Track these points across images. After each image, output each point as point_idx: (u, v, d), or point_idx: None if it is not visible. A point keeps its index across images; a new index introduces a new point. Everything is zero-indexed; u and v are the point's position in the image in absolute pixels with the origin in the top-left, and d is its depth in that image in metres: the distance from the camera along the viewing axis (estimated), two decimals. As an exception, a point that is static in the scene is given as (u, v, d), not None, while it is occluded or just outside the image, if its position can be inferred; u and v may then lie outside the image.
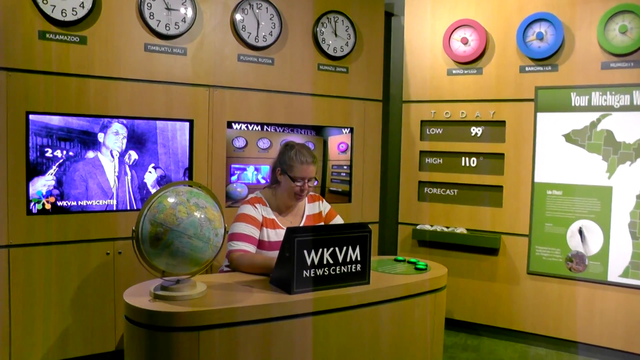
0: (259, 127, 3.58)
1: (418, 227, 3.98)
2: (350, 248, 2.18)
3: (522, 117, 3.64)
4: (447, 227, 3.90)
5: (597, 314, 3.42)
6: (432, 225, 3.96)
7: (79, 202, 2.99)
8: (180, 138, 3.25)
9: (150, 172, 3.17)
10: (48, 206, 2.91)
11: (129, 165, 3.12)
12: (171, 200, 1.93)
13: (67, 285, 2.97)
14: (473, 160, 3.85)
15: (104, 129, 3.04)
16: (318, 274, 2.11)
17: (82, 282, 3.01)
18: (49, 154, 2.89)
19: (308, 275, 2.08)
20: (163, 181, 3.20)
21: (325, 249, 2.11)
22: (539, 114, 3.57)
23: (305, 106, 3.73)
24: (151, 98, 3.16)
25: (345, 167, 3.97)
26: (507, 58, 3.67)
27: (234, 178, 3.50)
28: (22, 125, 2.81)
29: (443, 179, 3.95)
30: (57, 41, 2.89)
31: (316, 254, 2.09)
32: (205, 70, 3.33)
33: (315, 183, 2.66)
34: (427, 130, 4.01)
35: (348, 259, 2.18)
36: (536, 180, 3.59)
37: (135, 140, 3.12)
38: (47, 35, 2.86)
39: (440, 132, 3.96)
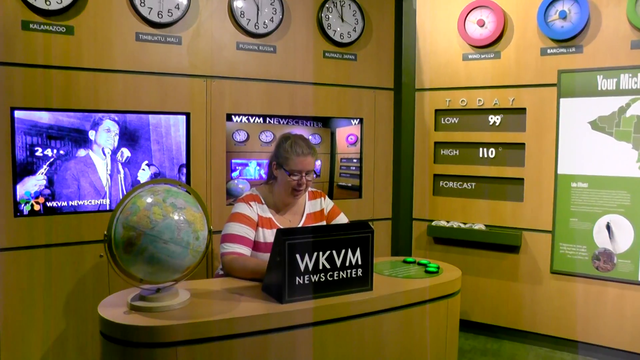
0: (261, 119, 3.38)
1: (433, 223, 3.74)
2: (349, 251, 1.97)
3: (544, 103, 3.35)
4: (465, 224, 3.65)
5: (628, 316, 3.14)
6: (448, 222, 3.71)
7: (70, 203, 2.84)
8: (174, 134, 3.06)
9: (143, 169, 3.00)
10: (37, 207, 2.76)
11: (122, 163, 2.95)
12: (145, 200, 1.74)
13: (58, 290, 2.83)
14: (491, 151, 3.59)
15: (95, 126, 2.88)
16: (313, 280, 1.90)
17: (74, 286, 2.86)
18: (39, 153, 2.75)
19: (301, 282, 1.87)
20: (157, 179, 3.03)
21: (320, 253, 1.90)
22: (562, 100, 3.28)
23: (310, 96, 3.52)
24: (144, 91, 2.99)
25: (354, 160, 3.75)
26: (527, 40, 3.39)
27: (235, 174, 3.32)
28: (7, 122, 2.67)
29: (459, 171, 3.70)
30: (41, 32, 2.73)
31: (310, 259, 1.88)
32: (202, 60, 3.14)
33: (315, 177, 2.45)
34: (442, 119, 3.76)
35: (347, 263, 1.97)
36: (560, 171, 3.31)
37: (128, 137, 2.95)
38: (31, 26, 2.70)
39: (456, 121, 3.71)
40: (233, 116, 3.27)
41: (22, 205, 2.73)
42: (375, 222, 3.85)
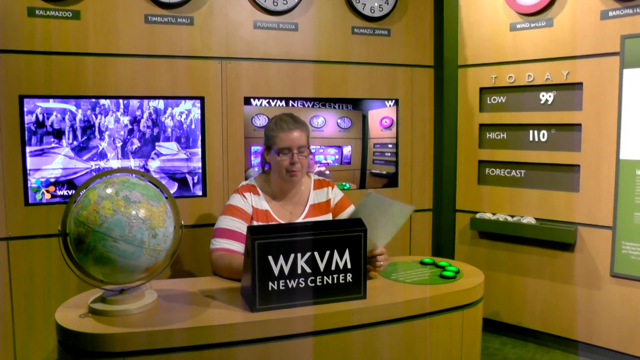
0: (283, 102, 3.14)
1: (477, 216, 3.35)
2: (336, 252, 1.69)
3: (603, 76, 2.85)
4: (512, 216, 3.23)
5: None
6: (494, 214, 3.31)
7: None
8: (185, 120, 2.92)
9: (152, 158, 2.87)
10: (48, 196, 2.71)
11: (132, 153, 2.84)
12: (98, 193, 1.56)
13: (70, 278, 2.76)
14: (543, 134, 3.13)
15: (106, 116, 2.78)
16: (290, 286, 1.65)
17: (86, 277, 2.79)
18: (54, 144, 2.70)
19: (275, 288, 1.63)
20: (166, 167, 2.89)
21: (299, 255, 1.64)
22: (626, 71, 2.75)
23: (338, 76, 3.24)
24: (155, 75, 2.85)
25: (390, 145, 3.43)
26: (584, 2, 2.88)
27: (255, 161, 3.11)
28: (15, 111, 2.63)
29: (507, 157, 3.27)
30: (48, 17, 2.66)
31: (286, 261, 1.63)
32: (216, 41, 2.96)
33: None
34: (488, 99, 3.34)
35: (334, 267, 1.69)
36: (622, 157, 2.80)
37: (138, 127, 2.84)
38: (37, 12, 2.63)
39: (503, 100, 3.27)
40: (252, 100, 3.06)
41: (33, 194, 2.68)
42: (414, 213, 3.51)
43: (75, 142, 2.73)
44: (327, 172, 3.27)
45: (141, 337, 1.48)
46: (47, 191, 2.72)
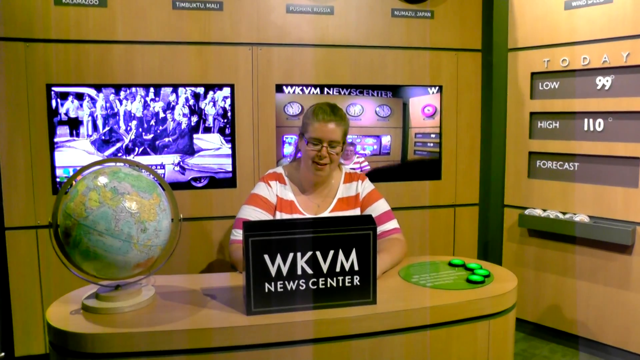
0: (318, 89, 3.00)
1: (526, 212, 3.07)
2: (341, 252, 1.54)
3: (674, 57, 2.51)
4: (564, 214, 2.93)
5: None
6: (544, 210, 3.02)
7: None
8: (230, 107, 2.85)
9: (190, 154, 2.82)
10: (76, 185, 2.71)
11: (164, 147, 2.79)
12: (86, 184, 1.49)
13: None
14: (599, 123, 2.80)
15: (132, 101, 2.74)
16: (289, 288, 1.51)
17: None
18: (70, 137, 2.70)
19: (272, 290, 1.50)
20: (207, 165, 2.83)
21: (298, 254, 1.50)
22: (700, 51, 2.41)
23: (376, 62, 3.06)
24: (183, 62, 2.79)
25: (433, 135, 3.21)
26: (654, -27, 2.55)
27: (288, 151, 3.00)
28: (43, 99, 2.64)
29: (559, 148, 2.97)
30: (74, 6, 2.65)
31: (284, 261, 1.50)
32: (247, 26, 2.85)
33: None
34: (540, 84, 3.04)
35: (339, 268, 1.54)
36: (693, 149, 2.46)
37: (172, 114, 2.80)
38: (64, 0, 2.62)
39: (556, 86, 2.97)
40: (284, 87, 2.94)
41: (61, 184, 2.70)
42: (458, 207, 3.29)
43: (95, 134, 2.70)
44: (366, 163, 3.10)
45: (128, 338, 1.40)
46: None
